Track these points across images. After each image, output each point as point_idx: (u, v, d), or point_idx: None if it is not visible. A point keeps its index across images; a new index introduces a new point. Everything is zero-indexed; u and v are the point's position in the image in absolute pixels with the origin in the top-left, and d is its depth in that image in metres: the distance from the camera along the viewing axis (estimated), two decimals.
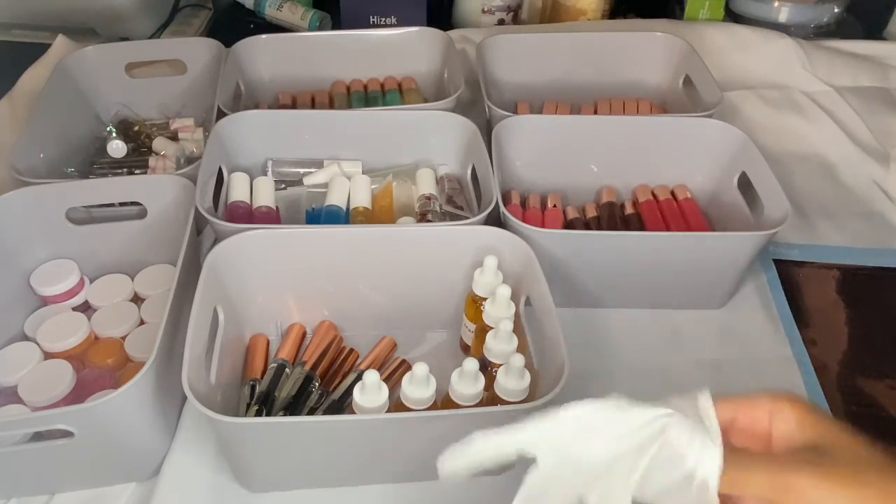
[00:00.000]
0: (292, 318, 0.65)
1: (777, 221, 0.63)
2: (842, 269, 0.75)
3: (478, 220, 0.62)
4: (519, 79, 0.91)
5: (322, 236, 0.61)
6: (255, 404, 0.57)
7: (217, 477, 0.55)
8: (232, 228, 0.59)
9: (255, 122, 0.74)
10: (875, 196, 0.84)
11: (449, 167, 0.77)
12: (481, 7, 1.08)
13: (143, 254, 0.68)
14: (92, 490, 0.55)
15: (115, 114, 0.87)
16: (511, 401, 0.51)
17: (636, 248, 0.64)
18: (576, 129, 0.77)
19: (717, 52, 1.00)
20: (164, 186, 0.67)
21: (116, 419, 0.50)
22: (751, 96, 0.97)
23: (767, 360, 0.66)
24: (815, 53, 1.02)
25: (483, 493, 0.55)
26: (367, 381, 0.49)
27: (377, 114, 0.77)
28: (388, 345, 0.64)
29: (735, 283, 0.69)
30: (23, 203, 0.64)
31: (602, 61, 0.92)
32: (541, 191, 0.78)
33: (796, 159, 0.89)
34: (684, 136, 0.76)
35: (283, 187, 0.75)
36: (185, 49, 0.89)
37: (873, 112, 0.95)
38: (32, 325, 0.63)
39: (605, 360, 0.65)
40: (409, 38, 0.91)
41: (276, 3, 1.07)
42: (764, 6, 1.10)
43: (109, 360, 0.60)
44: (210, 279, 0.56)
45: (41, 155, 0.74)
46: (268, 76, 0.90)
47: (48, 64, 0.91)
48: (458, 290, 0.63)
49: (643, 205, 0.76)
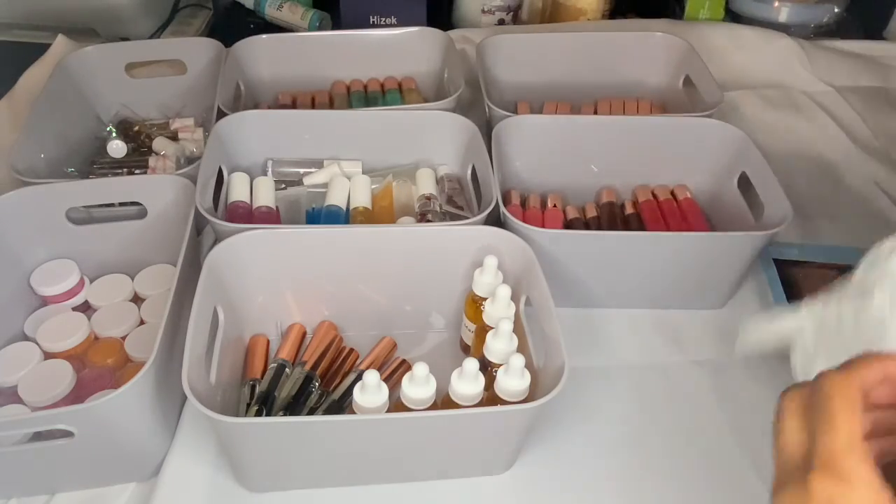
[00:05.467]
0: (292, 318, 0.65)
1: (777, 221, 0.63)
2: (842, 268, 0.75)
3: (478, 220, 0.62)
4: (519, 79, 0.91)
5: (322, 236, 0.61)
6: (255, 404, 0.57)
7: (217, 477, 0.55)
8: (232, 228, 0.59)
9: (255, 122, 0.74)
10: (875, 196, 0.84)
11: (449, 167, 0.77)
12: (481, 7, 1.08)
13: (143, 254, 0.68)
14: (92, 490, 0.55)
15: (115, 114, 0.87)
16: (511, 401, 0.51)
17: (636, 248, 0.64)
18: (576, 129, 0.77)
19: (717, 52, 1.00)
20: (164, 186, 0.67)
21: (116, 419, 0.50)
22: (751, 96, 0.97)
23: (767, 359, 0.66)
24: (815, 53, 1.02)
25: (483, 493, 0.55)
26: (367, 381, 0.49)
27: (377, 114, 0.77)
28: (388, 345, 0.64)
29: (735, 283, 0.69)
30: (23, 203, 0.64)
31: (602, 61, 0.92)
32: (541, 191, 0.78)
33: (796, 159, 0.89)
34: (684, 136, 0.76)
35: (283, 187, 0.75)
36: (185, 49, 0.89)
37: (873, 112, 0.95)
38: (32, 325, 0.63)
39: (605, 360, 0.65)
40: (409, 38, 0.91)
41: (276, 3, 1.07)
42: (764, 6, 1.10)
43: (109, 360, 0.60)
44: (210, 279, 0.56)
45: (41, 155, 0.74)
46: (268, 76, 0.90)
47: (48, 64, 0.91)
48: (458, 291, 0.63)
49: (643, 205, 0.76)
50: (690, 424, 0.60)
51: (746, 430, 0.60)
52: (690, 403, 0.62)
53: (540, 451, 0.57)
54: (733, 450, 0.59)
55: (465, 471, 0.55)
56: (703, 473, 0.57)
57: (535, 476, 0.56)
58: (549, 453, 0.58)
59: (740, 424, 0.60)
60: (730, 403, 0.62)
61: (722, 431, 0.60)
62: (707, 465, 0.57)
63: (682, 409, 0.62)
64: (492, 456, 0.55)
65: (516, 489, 0.56)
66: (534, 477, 0.56)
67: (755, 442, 0.59)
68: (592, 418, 0.60)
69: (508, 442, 0.54)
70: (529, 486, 0.56)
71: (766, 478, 0.57)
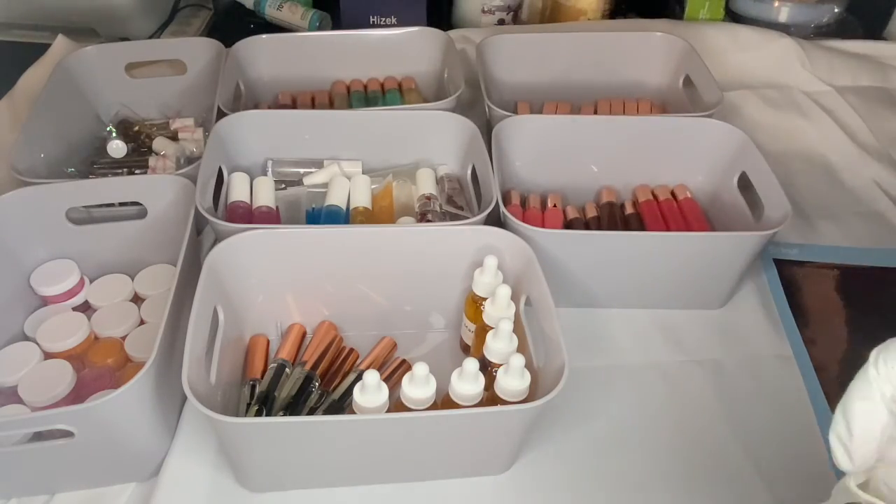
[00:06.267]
0: (292, 318, 0.65)
1: (777, 221, 0.64)
2: (842, 268, 0.75)
3: (478, 220, 0.62)
4: (519, 79, 0.91)
5: (322, 236, 0.61)
6: (255, 404, 0.57)
7: (217, 477, 0.55)
8: (232, 228, 0.60)
9: (255, 122, 0.74)
10: (875, 196, 0.84)
11: (449, 167, 0.77)
12: (481, 7, 1.08)
13: (143, 254, 0.68)
14: (92, 490, 0.55)
15: (115, 114, 0.87)
16: (511, 401, 0.51)
17: (636, 248, 0.64)
18: (576, 129, 0.77)
19: (717, 52, 1.00)
20: (164, 186, 0.67)
21: (116, 419, 0.50)
22: (751, 96, 0.97)
23: (767, 359, 0.66)
24: (815, 53, 1.02)
25: (483, 493, 0.55)
26: (367, 381, 0.49)
27: (377, 114, 0.77)
28: (388, 345, 0.64)
29: (735, 283, 0.69)
30: (23, 203, 0.64)
31: (602, 61, 0.92)
32: (541, 191, 0.78)
33: (796, 159, 0.89)
34: (684, 136, 0.76)
35: (283, 187, 0.75)
36: (185, 49, 0.89)
37: (873, 112, 0.95)
38: (32, 325, 0.63)
39: (605, 360, 0.65)
40: (409, 38, 0.91)
41: (276, 3, 1.07)
42: (764, 6, 1.10)
43: (109, 360, 0.60)
44: (210, 279, 0.56)
45: (41, 155, 0.74)
46: (268, 76, 0.90)
47: (48, 64, 0.91)
48: (458, 291, 0.63)
49: (643, 205, 0.76)
50: (690, 424, 0.60)
51: (746, 429, 0.60)
52: (690, 403, 0.62)
53: (540, 451, 0.57)
54: (733, 450, 0.59)
55: (465, 471, 0.55)
56: (703, 473, 0.57)
57: (535, 476, 0.56)
58: (549, 453, 0.58)
59: (740, 424, 0.60)
60: (730, 403, 0.62)
61: (722, 431, 0.60)
62: (707, 464, 0.57)
63: (682, 409, 0.62)
64: (492, 456, 0.55)
65: (516, 489, 0.56)
66: (534, 477, 0.56)
67: (755, 441, 0.59)
68: (592, 418, 0.60)
69: (508, 442, 0.54)
70: (529, 486, 0.56)
71: (766, 477, 0.57)
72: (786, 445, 0.59)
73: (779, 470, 0.57)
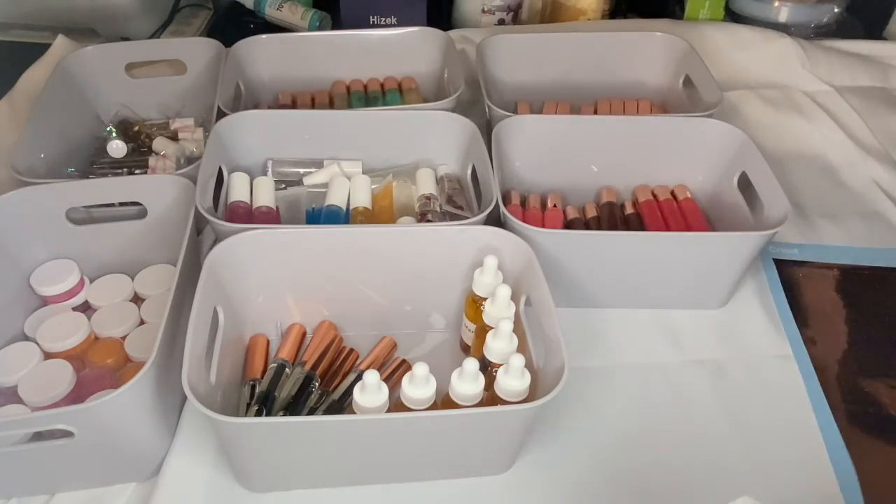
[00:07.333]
0: (292, 318, 0.65)
1: (777, 221, 0.63)
2: (841, 268, 0.75)
3: (478, 220, 0.62)
4: (519, 79, 0.91)
5: (322, 236, 0.61)
6: (255, 404, 0.57)
7: (217, 477, 0.55)
8: (232, 228, 0.59)
9: (255, 122, 0.74)
10: (875, 196, 0.84)
11: (449, 167, 0.77)
12: (481, 7, 1.08)
13: (143, 254, 0.68)
14: (92, 490, 0.55)
15: (115, 114, 0.87)
16: (511, 401, 0.51)
17: (636, 248, 0.64)
18: (576, 129, 0.77)
19: (717, 52, 1.00)
20: (164, 186, 0.67)
21: (116, 419, 0.50)
22: (751, 96, 0.97)
23: (767, 359, 0.66)
24: (815, 53, 1.02)
25: (483, 493, 0.55)
26: (367, 381, 0.49)
27: (377, 114, 0.77)
28: (388, 345, 0.64)
29: (735, 283, 0.69)
30: (23, 203, 0.64)
31: (602, 61, 0.92)
32: (541, 191, 0.78)
33: (796, 159, 0.89)
34: (684, 136, 0.76)
35: (283, 187, 0.75)
36: (185, 49, 0.89)
37: (873, 112, 0.95)
38: (32, 325, 0.63)
39: (605, 360, 0.65)
40: (409, 38, 0.91)
41: (276, 3, 1.07)
42: (764, 6, 1.10)
43: (109, 360, 0.60)
44: (210, 279, 0.56)
45: (41, 155, 0.74)
46: (268, 76, 0.90)
47: (48, 64, 0.91)
48: (458, 291, 0.63)
49: (643, 205, 0.76)
50: (690, 424, 0.60)
51: (746, 429, 0.60)
52: (690, 403, 0.62)
53: (540, 451, 0.57)
54: (733, 449, 0.59)
55: (465, 471, 0.55)
56: (703, 473, 0.57)
57: (535, 476, 0.56)
58: (549, 453, 0.58)
59: (740, 424, 0.60)
60: (730, 403, 0.62)
61: (722, 431, 0.60)
62: (707, 464, 0.57)
63: (682, 408, 0.62)
64: (492, 456, 0.55)
65: (516, 489, 0.56)
66: (534, 477, 0.56)
67: (755, 441, 0.59)
68: (592, 418, 0.60)
69: (508, 442, 0.54)
70: (529, 486, 0.56)
71: (766, 477, 0.57)
72: (786, 445, 0.59)
73: (779, 470, 0.57)
